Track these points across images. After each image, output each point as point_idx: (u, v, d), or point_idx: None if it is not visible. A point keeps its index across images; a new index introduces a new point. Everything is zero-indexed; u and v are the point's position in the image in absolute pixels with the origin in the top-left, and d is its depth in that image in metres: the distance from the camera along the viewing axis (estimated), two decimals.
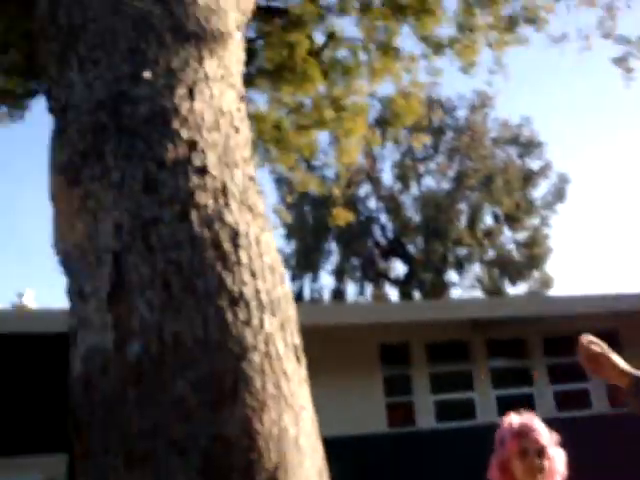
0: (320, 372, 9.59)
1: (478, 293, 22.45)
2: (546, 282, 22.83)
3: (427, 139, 17.34)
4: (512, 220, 22.66)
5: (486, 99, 21.91)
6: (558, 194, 23.27)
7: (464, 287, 23.37)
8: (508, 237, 23.49)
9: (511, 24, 9.77)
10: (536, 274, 22.98)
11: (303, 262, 23.82)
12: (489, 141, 23.70)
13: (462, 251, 23.18)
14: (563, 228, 54.62)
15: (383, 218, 24.20)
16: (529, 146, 23.55)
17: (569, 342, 11.11)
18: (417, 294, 22.41)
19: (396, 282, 24.15)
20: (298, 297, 21.96)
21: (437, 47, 9.98)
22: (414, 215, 23.65)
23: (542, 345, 10.46)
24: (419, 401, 9.80)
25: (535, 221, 23.22)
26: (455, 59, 10.07)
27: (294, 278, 24.87)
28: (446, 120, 23.44)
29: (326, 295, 24.01)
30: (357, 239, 22.71)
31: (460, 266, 23.19)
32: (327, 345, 9.55)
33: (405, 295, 22.11)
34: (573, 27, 12.70)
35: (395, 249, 23.80)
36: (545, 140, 23.45)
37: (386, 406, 9.70)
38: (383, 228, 24.12)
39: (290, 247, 24.51)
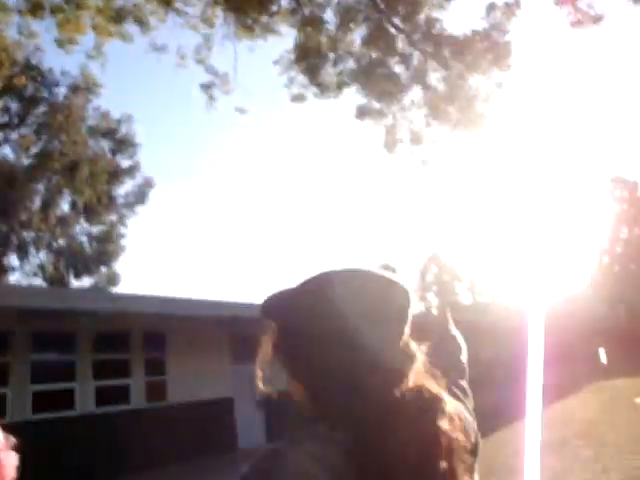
0: None
1: (39, 282, 20.96)
2: (112, 279, 23.03)
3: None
4: (90, 213, 22.13)
5: (93, 85, 20.95)
6: (141, 195, 23.97)
7: (24, 273, 21.47)
8: (83, 229, 22.84)
9: (119, 16, 9.70)
10: (104, 270, 22.96)
11: None
12: (85, 128, 22.70)
13: (29, 234, 21.33)
14: (139, 229, 56.78)
15: None
16: (123, 143, 23.56)
17: (118, 339, 11.49)
18: None
19: None
20: None
21: (36, 7, 9.10)
22: None
23: (92, 340, 10.44)
24: None
25: (113, 218, 23.29)
26: (54, 28, 9.39)
27: None
28: (43, 92, 21.37)
29: None
30: None
31: (23, 250, 21.24)
32: None
33: None
34: (175, 43, 13.47)
35: None
36: (140, 141, 23.93)
37: None
38: None
39: None
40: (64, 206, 22.59)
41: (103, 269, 22.85)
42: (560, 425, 10.81)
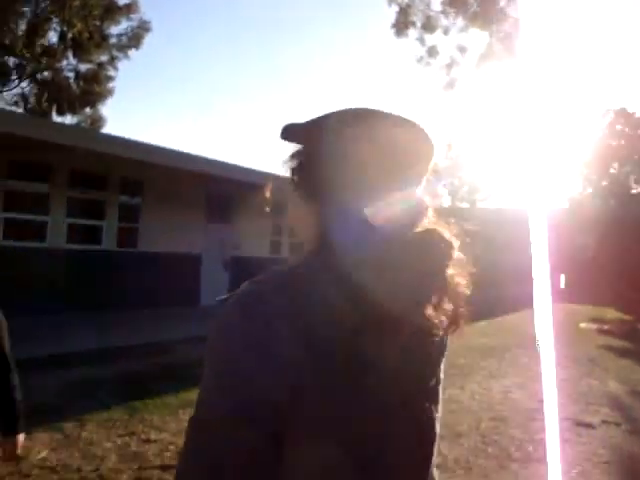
0: None
1: (20, 112, 20.28)
2: (96, 121, 22.40)
3: None
4: (79, 47, 20.96)
5: None
6: (135, 38, 22.70)
7: (4, 100, 20.69)
8: (69, 64, 21.75)
9: None
10: (88, 111, 22.23)
11: None
12: None
13: (12, 60, 20.27)
14: (130, 75, 54.60)
15: None
16: None
17: (96, 179, 11.40)
18: None
19: None
20: None
21: None
22: None
23: (69, 177, 10.34)
24: None
25: (103, 58, 22.16)
26: None
27: None
28: None
29: None
30: None
31: (5, 76, 20.28)
32: None
33: None
34: None
35: None
36: None
37: None
38: None
39: None
40: (52, 37, 21.36)
41: (87, 110, 22.12)
42: (507, 334, 11.53)
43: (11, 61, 20.29)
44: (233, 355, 0.80)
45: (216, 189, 12.56)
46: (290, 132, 0.95)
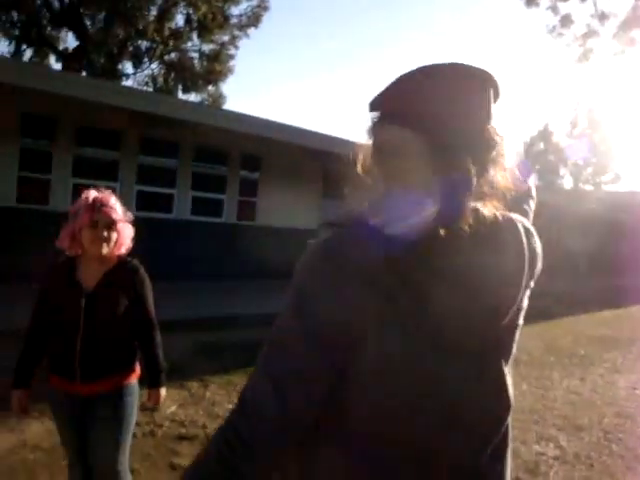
0: None
1: (150, 91, 21.68)
2: (217, 99, 23.42)
3: None
4: (203, 29, 21.92)
5: None
6: (254, 18, 23.31)
7: (136, 82, 22.23)
8: (194, 45, 22.83)
9: None
10: (211, 89, 23.31)
11: None
12: None
13: (144, 44, 21.66)
14: (248, 52, 56.39)
15: None
16: None
17: (218, 154, 11.94)
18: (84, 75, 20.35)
19: (63, 55, 21.33)
20: None
21: None
22: None
23: (194, 152, 10.93)
24: (57, 181, 9.31)
25: (225, 37, 23.00)
26: None
27: None
28: None
29: None
30: None
31: (138, 59, 21.75)
32: None
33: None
34: None
35: (68, 19, 20.66)
36: None
37: (18, 180, 8.95)
38: None
39: None
40: (179, 20, 22.51)
41: (210, 88, 23.20)
42: (632, 326, 10.66)
43: (143, 45, 21.70)
44: (312, 290, 0.91)
45: (333, 165, 12.68)
46: (379, 100, 0.99)
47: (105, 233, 2.28)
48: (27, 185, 9.09)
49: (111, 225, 2.29)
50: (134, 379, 2.42)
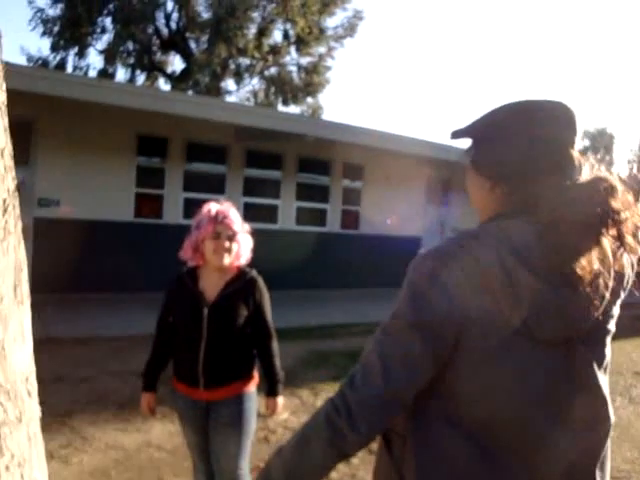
0: (75, 149, 8.90)
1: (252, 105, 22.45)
2: (316, 110, 23.79)
3: None
4: (301, 42, 22.40)
5: None
6: (350, 28, 23.50)
7: (238, 98, 23.12)
8: (292, 59, 23.38)
9: None
10: (310, 100, 23.71)
11: (69, 33, 20.65)
12: None
13: (245, 61, 22.49)
14: (345, 62, 56.93)
15: (170, 6, 21.82)
16: None
17: (321, 164, 12.07)
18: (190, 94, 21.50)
19: (171, 77, 22.69)
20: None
21: None
22: (204, 11, 21.78)
23: (297, 163, 11.14)
24: (169, 196, 9.85)
25: (322, 49, 23.35)
26: None
27: (55, 48, 21.68)
28: None
29: (92, 75, 21.53)
30: (137, 22, 20.23)
31: (239, 76, 22.62)
32: (87, 124, 8.77)
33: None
34: None
35: (176, 43, 21.96)
36: None
37: (136, 196, 9.56)
38: (168, 17, 21.84)
39: (55, 11, 20.89)
40: (277, 36, 23.17)
41: (309, 99, 23.62)
42: None
43: (244, 63, 22.55)
44: (424, 286, 1.07)
45: (437, 172, 12.46)
46: (464, 132, 1.24)
47: (227, 244, 2.35)
48: (143, 200, 9.70)
49: (232, 236, 2.37)
50: (253, 386, 2.46)
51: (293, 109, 23.37)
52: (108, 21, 21.24)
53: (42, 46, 61.73)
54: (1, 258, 1.56)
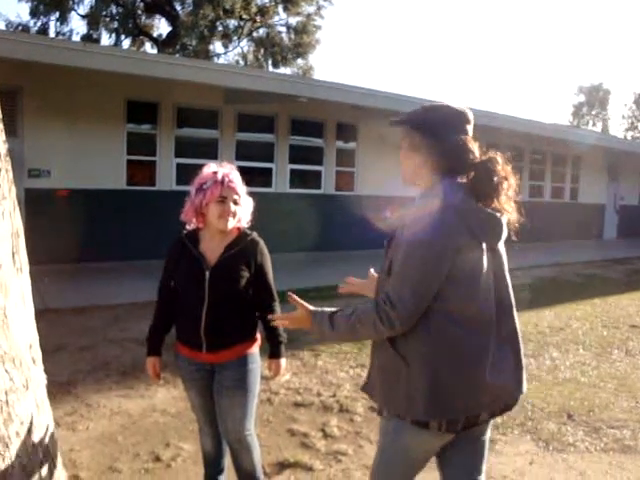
0: (63, 117, 8.72)
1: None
2: (307, 71, 23.37)
3: None
4: (288, 2, 21.85)
5: None
6: None
7: (227, 61, 22.68)
8: (281, 19, 22.84)
9: None
10: (300, 62, 23.28)
11: None
12: None
13: (232, 23, 21.97)
14: (335, 21, 55.70)
15: None
16: None
17: (314, 126, 11.88)
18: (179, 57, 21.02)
19: (157, 41, 22.16)
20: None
21: None
22: None
23: (290, 125, 10.98)
24: (162, 162, 9.72)
25: (311, 8, 22.80)
26: None
27: (35, 14, 21.08)
28: None
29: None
30: None
31: (227, 38, 22.12)
32: (74, 91, 8.57)
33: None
34: None
35: (161, 5, 21.38)
36: None
37: (127, 163, 9.43)
38: None
39: None
40: None
41: (299, 61, 23.18)
42: None
43: (231, 24, 22.02)
44: (433, 232, 1.63)
45: None
46: (408, 119, 1.87)
47: (232, 208, 2.32)
48: (135, 168, 9.57)
49: (237, 200, 2.34)
50: (256, 348, 2.46)
51: (283, 71, 22.95)
52: None
53: (20, 11, 59.98)
54: None
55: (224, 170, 2.35)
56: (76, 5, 21.27)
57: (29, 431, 1.46)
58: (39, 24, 21.33)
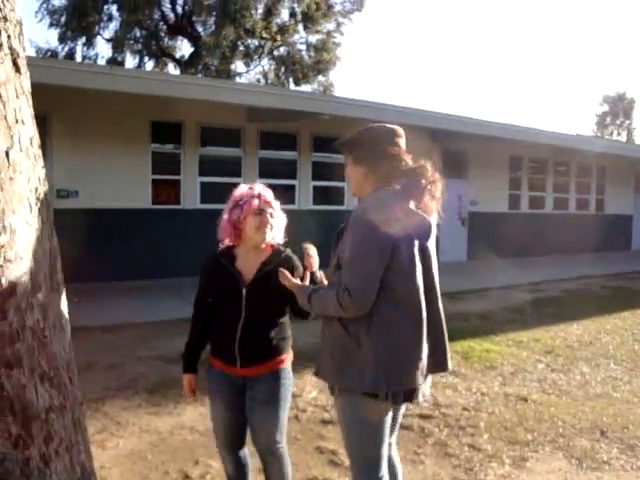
0: (90, 138, 8.91)
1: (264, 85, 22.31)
2: (327, 88, 23.55)
3: None
4: (308, 20, 22.12)
5: None
6: (358, 2, 23.12)
7: (249, 80, 22.99)
8: (301, 37, 23.12)
9: None
10: (320, 78, 23.48)
11: (76, 23, 20.61)
12: None
13: (253, 42, 22.30)
14: (354, 38, 56.16)
15: None
16: None
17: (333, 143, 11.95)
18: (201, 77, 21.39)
19: (179, 62, 22.60)
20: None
21: None
22: None
23: (311, 142, 11.07)
24: (186, 181, 9.87)
25: (330, 26, 23.05)
26: None
27: (63, 39, 21.68)
28: None
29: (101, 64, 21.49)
30: (143, 8, 20.10)
31: (249, 57, 22.45)
32: (100, 113, 8.78)
33: None
34: None
35: (183, 27, 21.83)
36: None
37: (152, 183, 9.60)
38: (174, 1, 21.68)
39: (61, 1, 20.85)
40: (284, 15, 22.90)
41: (320, 78, 23.38)
42: None
43: (252, 44, 22.35)
44: (374, 230, 1.93)
45: (450, 145, 12.32)
46: (346, 140, 2.22)
47: (270, 220, 2.42)
48: (160, 187, 9.73)
49: (272, 214, 2.44)
50: (289, 363, 2.49)
51: (304, 88, 23.19)
52: (114, 9, 21.15)
53: (50, 38, 61.80)
54: (37, 247, 1.58)
55: (259, 187, 2.47)
56: (101, 30, 21.87)
57: (67, 449, 1.50)
58: (66, 49, 21.94)
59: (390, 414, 2.12)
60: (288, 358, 2.49)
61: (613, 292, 9.90)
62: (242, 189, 2.48)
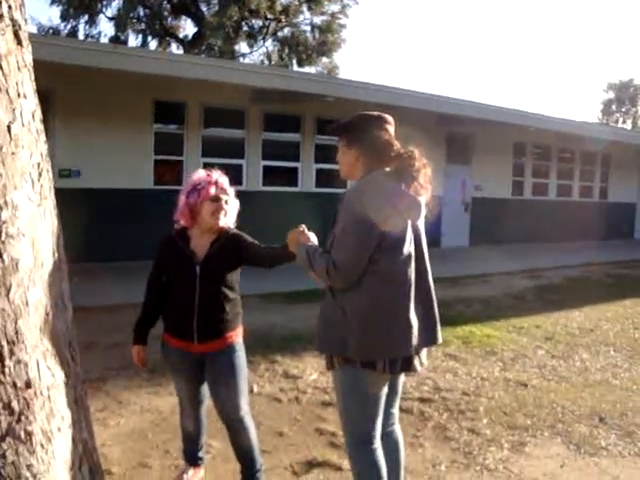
0: (92, 118, 8.84)
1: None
2: (332, 70, 23.32)
3: None
4: (313, 1, 21.83)
5: None
6: None
7: (252, 60, 22.78)
8: (305, 18, 22.83)
9: None
10: (325, 60, 23.24)
11: (78, 0, 20.38)
12: None
13: (257, 22, 22.05)
14: (360, 20, 55.58)
15: None
16: None
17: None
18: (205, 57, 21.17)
19: (183, 42, 22.37)
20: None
21: None
22: None
23: (315, 124, 10.99)
24: (189, 162, 9.82)
25: (335, 7, 22.74)
26: None
27: (65, 17, 21.46)
28: None
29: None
30: None
31: (252, 38, 22.21)
32: (103, 92, 8.72)
33: None
34: None
35: (187, 6, 21.56)
36: None
37: (155, 163, 9.55)
38: None
39: None
40: None
41: (324, 59, 23.15)
42: None
43: (256, 24, 22.10)
44: (365, 209, 2.02)
45: (456, 129, 12.22)
46: (339, 128, 2.33)
47: (225, 206, 2.57)
48: (162, 167, 9.69)
49: (227, 200, 2.59)
50: (241, 337, 2.67)
51: (308, 70, 22.98)
52: None
53: (52, 15, 61.15)
54: (39, 223, 1.56)
55: (216, 174, 2.60)
56: (104, 8, 21.62)
57: (70, 426, 1.49)
58: (69, 27, 21.73)
59: (386, 388, 2.21)
60: (240, 332, 2.67)
61: (615, 280, 9.89)
62: (200, 174, 2.62)
